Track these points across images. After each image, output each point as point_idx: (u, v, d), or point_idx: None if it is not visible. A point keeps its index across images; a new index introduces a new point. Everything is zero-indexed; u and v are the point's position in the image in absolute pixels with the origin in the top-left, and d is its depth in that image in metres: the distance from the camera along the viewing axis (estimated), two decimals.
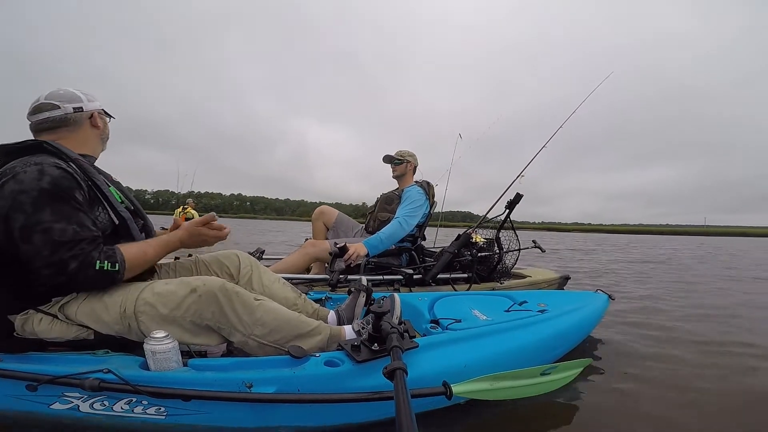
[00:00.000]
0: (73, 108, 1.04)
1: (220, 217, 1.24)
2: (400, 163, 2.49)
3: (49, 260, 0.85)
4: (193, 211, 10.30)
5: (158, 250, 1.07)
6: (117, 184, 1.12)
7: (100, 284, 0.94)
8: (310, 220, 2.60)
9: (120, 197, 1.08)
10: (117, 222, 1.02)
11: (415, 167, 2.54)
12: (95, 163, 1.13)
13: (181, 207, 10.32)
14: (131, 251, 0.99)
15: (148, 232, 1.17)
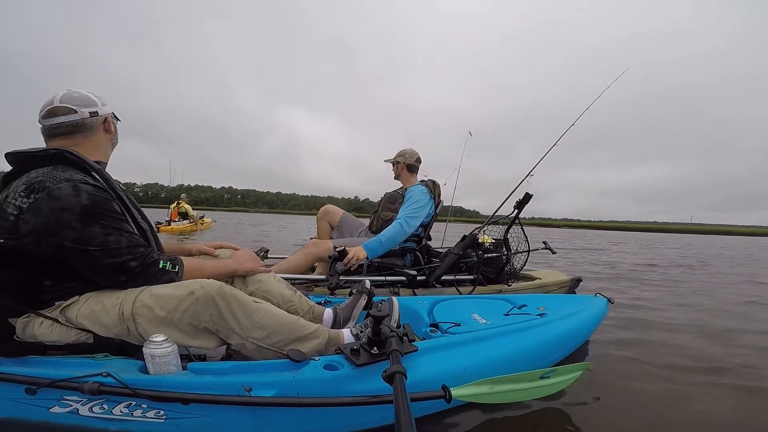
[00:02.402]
0: (90, 112, 1.05)
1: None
2: (394, 165, 2.57)
3: (111, 266, 0.96)
4: (186, 206, 10.61)
5: (215, 266, 1.22)
6: (124, 191, 1.15)
7: (160, 281, 1.04)
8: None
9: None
10: (137, 232, 1.06)
11: (409, 165, 2.55)
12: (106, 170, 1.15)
13: (176, 202, 10.63)
14: (189, 259, 1.14)
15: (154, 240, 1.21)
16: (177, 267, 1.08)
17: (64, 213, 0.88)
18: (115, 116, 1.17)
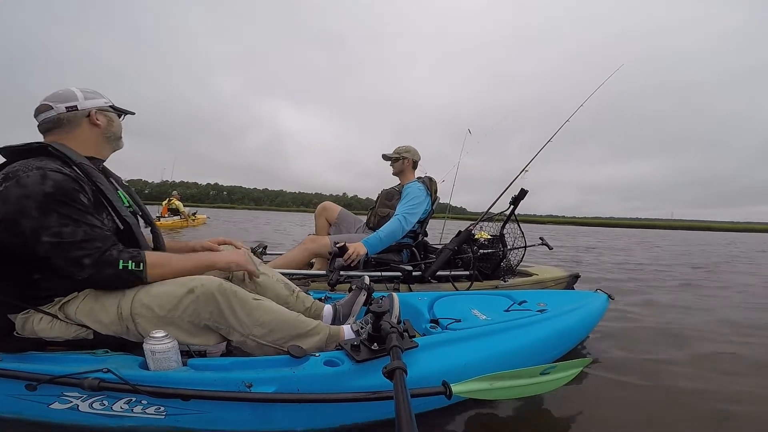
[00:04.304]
0: (66, 107, 1.06)
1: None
2: (397, 160, 2.60)
3: (65, 259, 0.93)
4: (177, 203, 10.90)
5: (184, 261, 1.11)
6: (126, 188, 1.16)
7: (123, 283, 1.01)
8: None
9: (128, 201, 1.13)
10: (122, 227, 1.06)
11: (415, 162, 2.62)
12: (106, 165, 1.18)
13: (167, 198, 10.95)
14: (153, 255, 1.06)
15: (156, 237, 1.24)
16: (142, 264, 1.01)
17: (26, 200, 0.88)
18: (115, 108, 1.18)
